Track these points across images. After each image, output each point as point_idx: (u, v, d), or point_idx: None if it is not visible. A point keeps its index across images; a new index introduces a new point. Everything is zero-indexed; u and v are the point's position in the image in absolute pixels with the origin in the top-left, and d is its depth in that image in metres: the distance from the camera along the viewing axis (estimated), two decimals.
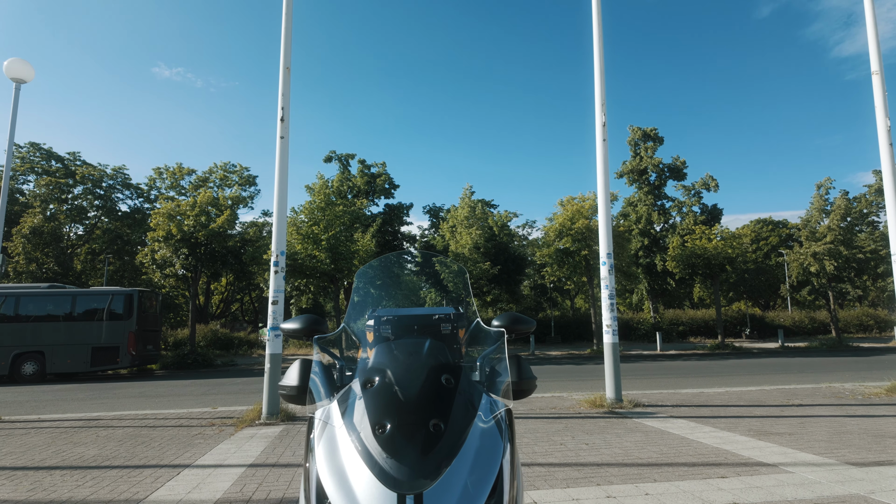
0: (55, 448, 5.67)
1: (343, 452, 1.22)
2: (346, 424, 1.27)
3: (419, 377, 1.35)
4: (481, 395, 1.40)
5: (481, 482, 1.17)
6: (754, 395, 8.40)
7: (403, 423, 1.22)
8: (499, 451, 1.26)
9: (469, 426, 1.27)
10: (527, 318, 1.70)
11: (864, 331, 30.90)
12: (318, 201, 20.99)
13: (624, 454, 4.80)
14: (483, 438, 1.26)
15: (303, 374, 1.53)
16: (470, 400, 1.35)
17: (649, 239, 27.88)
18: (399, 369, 1.38)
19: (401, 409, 1.26)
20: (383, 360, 1.45)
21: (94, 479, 4.43)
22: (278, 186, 7.42)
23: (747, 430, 5.71)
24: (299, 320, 1.66)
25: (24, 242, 24.32)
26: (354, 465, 1.18)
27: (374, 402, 1.29)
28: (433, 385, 1.33)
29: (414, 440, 1.19)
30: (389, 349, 1.50)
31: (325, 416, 1.35)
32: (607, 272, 7.80)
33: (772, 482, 3.89)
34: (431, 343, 1.52)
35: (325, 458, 1.22)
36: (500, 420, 1.34)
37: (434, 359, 1.43)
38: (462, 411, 1.29)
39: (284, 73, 7.77)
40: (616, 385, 7.52)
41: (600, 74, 8.35)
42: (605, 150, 8.09)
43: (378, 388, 1.33)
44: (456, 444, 1.21)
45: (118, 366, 15.91)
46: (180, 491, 4.02)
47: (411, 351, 1.48)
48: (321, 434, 1.30)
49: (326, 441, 1.27)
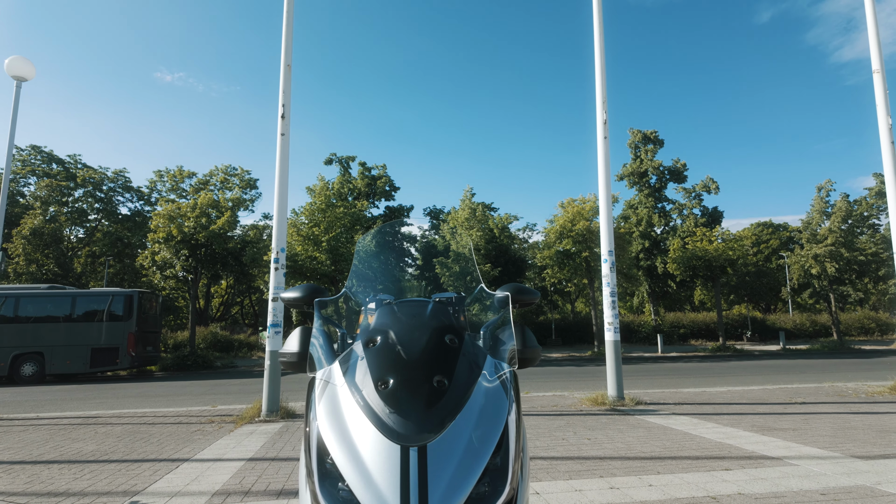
0: (53, 444, 5.63)
1: (345, 409, 1.19)
2: (347, 382, 1.25)
3: (422, 336, 1.32)
4: (485, 357, 1.38)
5: (486, 437, 1.14)
6: (757, 393, 8.35)
7: (406, 378, 1.20)
8: (504, 408, 1.23)
9: (473, 384, 1.24)
10: (531, 288, 1.68)
11: (866, 333, 30.81)
12: (318, 203, 21.00)
13: (626, 448, 4.75)
14: (488, 396, 1.24)
15: (303, 341, 1.50)
16: (474, 360, 1.33)
17: (650, 241, 27.84)
18: (402, 329, 1.36)
19: (404, 365, 1.23)
20: (385, 321, 1.42)
21: (91, 472, 4.39)
22: (279, 183, 7.41)
23: (750, 427, 5.67)
24: (300, 289, 1.63)
25: (25, 243, 24.30)
26: (356, 420, 1.15)
27: (376, 359, 1.26)
28: (437, 344, 1.30)
29: (417, 395, 1.16)
30: (392, 311, 1.47)
31: (327, 375, 1.32)
32: (609, 269, 7.77)
33: (777, 474, 3.85)
34: (435, 306, 1.49)
35: (326, 415, 1.20)
36: (505, 381, 1.31)
37: (437, 320, 1.40)
38: (466, 370, 1.27)
39: (285, 70, 7.77)
40: (618, 383, 7.48)
41: (601, 71, 8.35)
42: (607, 148, 8.08)
43: (380, 347, 1.30)
44: (460, 399, 1.18)
45: (118, 367, 15.85)
46: (178, 483, 3.98)
47: (414, 313, 1.46)
48: (322, 393, 1.27)
49: (327, 399, 1.24)
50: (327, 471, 1.13)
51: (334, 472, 1.11)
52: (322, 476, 1.13)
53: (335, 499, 1.09)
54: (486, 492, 1.10)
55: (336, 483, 1.11)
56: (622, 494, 3.46)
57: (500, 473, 1.13)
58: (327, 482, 1.12)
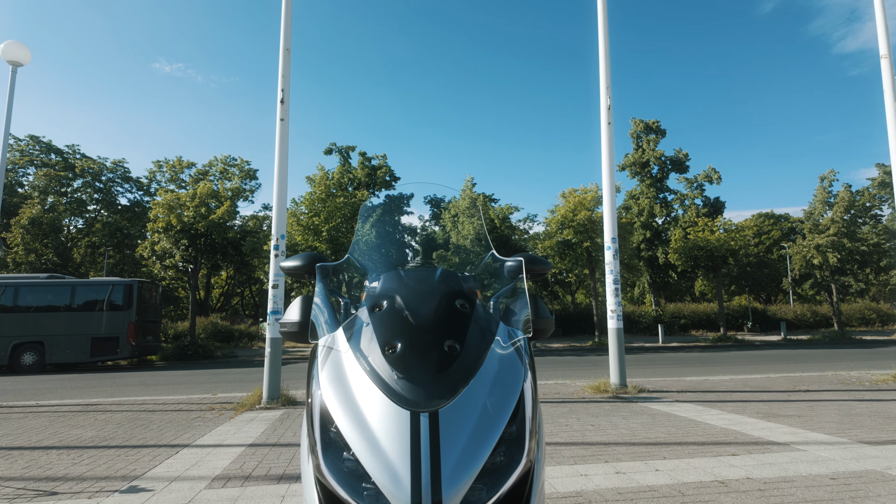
0: (52, 430, 5.59)
1: (350, 375, 1.12)
2: (352, 348, 1.17)
3: (432, 300, 1.24)
4: (498, 324, 1.30)
5: (502, 404, 1.07)
6: (759, 381, 8.31)
7: (416, 342, 1.13)
8: (519, 375, 1.15)
9: (486, 350, 1.16)
10: (543, 258, 1.60)
11: (867, 324, 30.79)
12: (318, 193, 20.88)
13: (631, 434, 4.71)
14: (502, 363, 1.16)
15: (304, 309, 1.42)
16: (487, 326, 1.25)
17: (651, 232, 27.73)
18: (410, 294, 1.28)
19: (413, 329, 1.16)
20: (392, 285, 1.34)
21: (90, 457, 4.35)
22: (278, 169, 7.31)
23: (755, 413, 5.62)
24: (300, 257, 1.55)
25: (23, 233, 24.19)
26: (363, 386, 1.08)
27: (382, 323, 1.19)
28: (447, 308, 1.23)
29: (427, 359, 1.09)
30: (398, 276, 1.39)
31: (330, 342, 1.25)
32: (612, 257, 7.70)
33: (785, 459, 3.80)
34: (444, 271, 1.41)
35: (329, 382, 1.12)
36: (520, 348, 1.23)
37: (447, 285, 1.32)
38: (479, 335, 1.19)
39: (284, 54, 7.65)
40: (620, 371, 7.43)
41: (605, 56, 8.22)
42: (610, 134, 7.97)
43: (387, 311, 1.23)
44: (473, 365, 1.11)
45: (118, 356, 15.82)
46: (178, 468, 3.93)
47: (422, 277, 1.38)
48: (325, 360, 1.20)
49: (331, 366, 1.17)
50: (331, 440, 1.06)
51: (339, 442, 1.04)
52: (325, 446, 1.05)
53: (340, 470, 1.02)
54: (502, 462, 1.02)
55: (341, 453, 1.03)
56: (629, 479, 3.40)
57: (516, 444, 1.06)
58: (331, 452, 1.04)
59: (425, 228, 30.48)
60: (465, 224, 23.52)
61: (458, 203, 24.54)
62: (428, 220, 33.41)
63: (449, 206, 26.53)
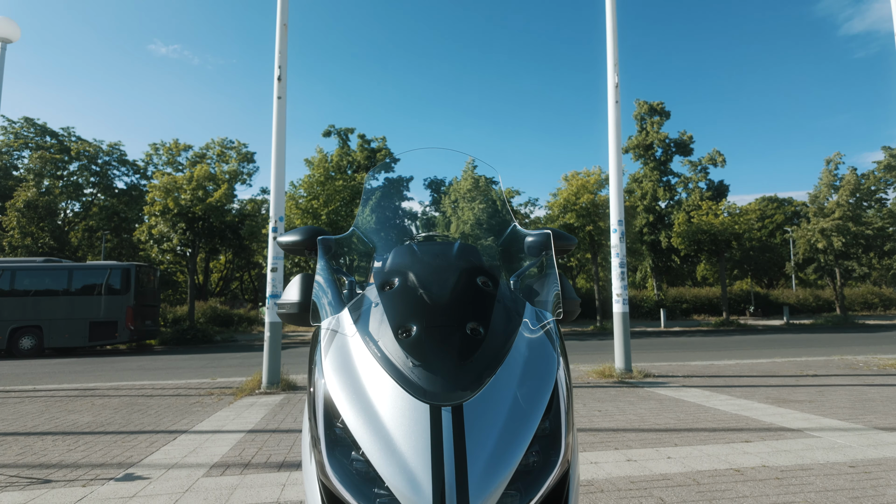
0: (48, 415, 5.49)
1: (358, 362, 0.96)
2: (360, 331, 1.02)
3: (450, 278, 1.08)
4: (524, 304, 1.14)
5: (535, 397, 0.92)
6: (766, 366, 8.21)
7: (434, 325, 0.97)
8: (553, 362, 1.00)
9: (514, 334, 1.01)
10: (567, 233, 1.43)
11: (869, 308, 30.77)
12: (317, 175, 20.63)
13: (640, 420, 4.60)
14: (532, 348, 1.01)
15: (305, 289, 1.26)
16: (513, 307, 1.09)
17: (654, 216, 27.51)
18: (425, 270, 1.12)
19: (429, 310, 1.00)
20: (404, 261, 1.18)
21: (86, 444, 4.24)
22: (275, 149, 7.11)
23: (765, 398, 5.52)
24: (299, 231, 1.38)
25: (19, 216, 23.95)
26: (373, 374, 0.93)
27: (394, 303, 1.03)
28: (468, 286, 1.07)
29: (448, 345, 0.94)
30: (411, 250, 1.23)
31: (335, 324, 1.09)
32: (618, 240, 7.53)
33: (800, 446, 3.69)
34: (462, 245, 1.24)
35: (334, 370, 0.97)
36: (550, 331, 1.08)
37: (466, 261, 1.16)
38: (504, 317, 1.04)
39: (281, 30, 7.39)
40: (626, 355, 7.33)
41: (612, 32, 7.96)
42: (618, 113, 7.75)
43: (399, 290, 1.07)
44: (500, 350, 0.96)
45: (116, 340, 15.76)
46: (176, 455, 3.82)
47: (438, 252, 1.21)
48: (329, 344, 1.04)
49: (336, 351, 1.01)
50: (337, 437, 0.91)
51: (346, 439, 0.89)
52: (331, 444, 0.91)
53: (347, 471, 0.87)
54: (536, 463, 0.88)
55: (348, 452, 0.89)
56: (640, 467, 3.29)
57: (552, 441, 0.91)
58: (337, 451, 0.90)
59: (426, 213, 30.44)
60: (465, 210, 23.30)
61: (460, 185, 24.26)
62: (428, 205, 33.09)
63: (449, 191, 26.19)
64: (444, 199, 1.83)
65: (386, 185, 1.84)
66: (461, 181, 22.67)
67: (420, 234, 1.53)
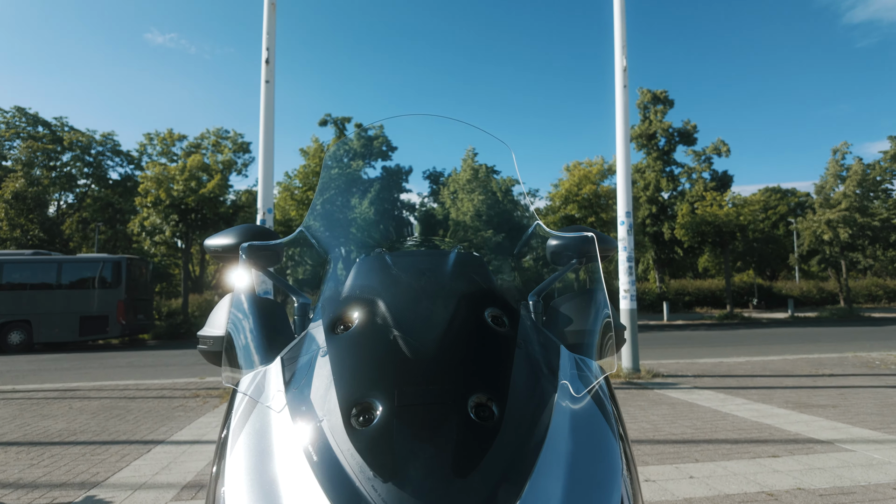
0: (20, 421, 5.14)
1: (280, 463, 0.58)
2: (290, 405, 0.63)
3: (442, 311, 0.68)
4: (559, 350, 0.74)
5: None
6: (778, 364, 7.87)
7: (412, 401, 0.58)
8: (614, 455, 0.62)
9: (548, 408, 0.62)
10: (607, 235, 1.03)
11: (873, 301, 30.43)
12: (313, 165, 20.17)
13: (653, 430, 4.24)
14: (578, 433, 0.62)
15: None
16: (543, 356, 0.70)
17: (657, 207, 27.06)
18: (402, 298, 0.72)
19: (407, 372, 0.61)
20: (369, 282, 0.78)
21: (52, 457, 3.89)
22: (263, 136, 6.70)
23: (784, 403, 5.17)
24: (232, 232, 0.99)
25: (7, 208, 23.45)
26: (302, 490, 0.54)
27: (350, 359, 0.64)
28: (472, 328, 0.67)
29: (437, 439, 0.55)
30: (383, 264, 0.82)
31: (256, 387, 0.70)
32: (626, 232, 7.15)
33: (834, 462, 3.33)
34: (460, 256, 0.83)
35: (245, 471, 0.59)
36: (600, 395, 0.69)
37: (467, 282, 0.76)
38: (530, 378, 0.64)
39: (269, 8, 6.95)
40: (633, 354, 6.98)
41: (620, 14, 7.53)
42: (626, 98, 7.33)
43: (359, 334, 0.68)
44: (527, 446, 0.57)
45: (108, 335, 15.40)
46: (146, 472, 3.47)
47: (424, 268, 0.81)
48: (243, 424, 0.66)
49: (251, 438, 0.63)
50: None
51: None
52: None
53: None
54: None
55: None
56: (661, 490, 2.94)
57: None
58: None
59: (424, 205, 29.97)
60: (465, 201, 22.86)
61: (459, 176, 23.79)
62: (427, 196, 32.54)
63: (448, 182, 25.63)
64: (443, 189, 1.48)
65: (352, 170, 1.43)
66: (461, 170, 21.91)
67: (399, 239, 1.11)
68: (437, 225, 1.35)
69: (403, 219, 1.42)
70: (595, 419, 0.65)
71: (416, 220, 1.40)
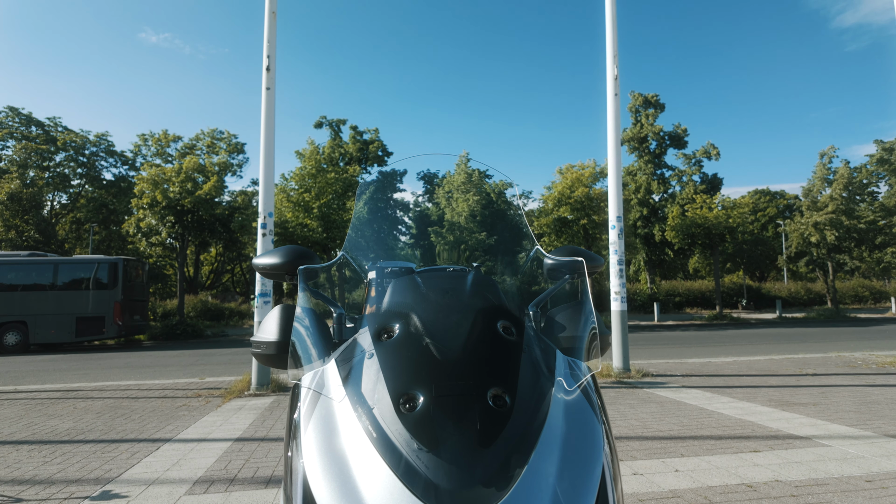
0: (27, 421, 5.26)
1: (347, 441, 0.76)
2: (349, 396, 0.81)
3: (464, 323, 0.87)
4: (555, 354, 0.93)
5: (580, 490, 0.72)
6: (764, 364, 8.12)
7: (445, 393, 0.76)
8: (597, 437, 0.80)
9: (547, 399, 0.81)
10: (595, 254, 1.22)
11: (859, 301, 30.97)
12: (308, 168, 20.24)
13: (642, 427, 4.45)
14: (570, 418, 0.80)
15: (284, 326, 1.04)
16: (543, 359, 0.88)
17: (648, 209, 27.41)
18: (431, 313, 0.90)
19: (439, 371, 0.79)
20: (405, 299, 0.97)
21: (63, 454, 4.02)
22: (264, 142, 6.85)
23: (767, 401, 5.39)
24: (279, 252, 1.16)
25: (2, 209, 23.37)
26: (365, 459, 0.72)
27: (394, 362, 0.82)
28: (487, 336, 0.86)
29: (465, 421, 0.73)
30: (413, 284, 1.01)
31: (317, 382, 0.88)
32: (616, 236, 7.37)
33: (811, 456, 3.55)
34: (477, 276, 1.03)
35: (316, 447, 0.76)
36: (588, 389, 0.88)
37: (483, 298, 0.95)
38: (533, 376, 0.83)
39: (270, 17, 7.10)
40: (624, 354, 7.19)
41: (612, 24, 7.74)
42: (617, 106, 7.55)
43: (399, 340, 0.86)
44: (531, 427, 0.75)
45: (104, 336, 15.44)
46: (157, 468, 3.62)
47: (447, 287, 0.99)
48: (311, 411, 0.83)
49: (319, 422, 0.81)
50: None
51: None
52: None
53: None
54: None
55: None
56: (647, 482, 3.13)
57: None
58: None
59: (418, 204, 29.25)
60: (459, 201, 23.05)
61: (453, 179, 23.96)
62: (421, 195, 32.66)
63: (443, 183, 25.76)
64: (458, 218, 1.62)
65: (380, 196, 1.63)
66: (468, 191, 22.03)
67: (423, 261, 1.31)
68: (453, 249, 1.55)
69: (427, 244, 1.62)
70: (583, 408, 0.84)
71: (436, 245, 1.61)
